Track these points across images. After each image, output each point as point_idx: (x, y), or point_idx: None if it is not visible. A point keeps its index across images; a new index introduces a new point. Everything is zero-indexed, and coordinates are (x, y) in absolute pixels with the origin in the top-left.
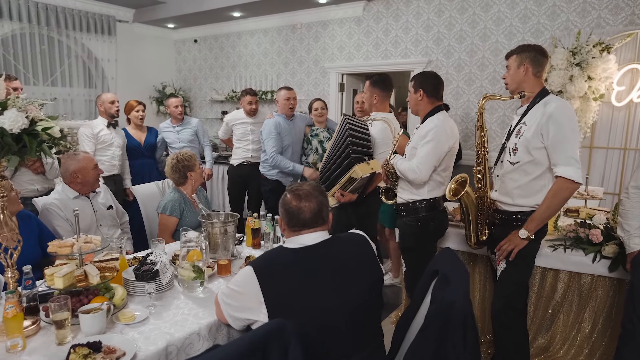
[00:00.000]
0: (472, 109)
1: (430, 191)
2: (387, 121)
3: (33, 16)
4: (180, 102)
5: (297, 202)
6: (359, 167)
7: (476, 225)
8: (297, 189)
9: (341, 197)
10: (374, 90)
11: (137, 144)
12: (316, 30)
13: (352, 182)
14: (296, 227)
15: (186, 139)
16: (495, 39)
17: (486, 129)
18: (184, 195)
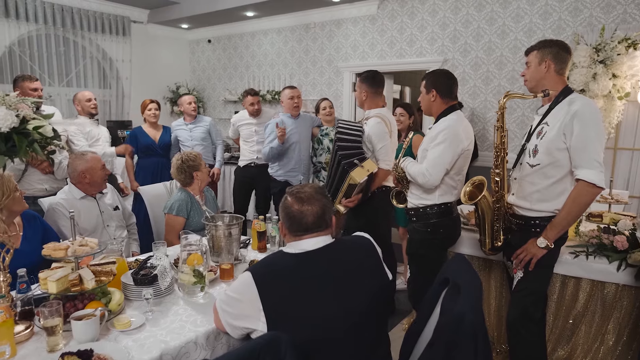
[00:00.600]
0: (490, 109)
1: (442, 196)
2: (380, 116)
3: (49, 17)
4: (194, 100)
5: (299, 206)
6: (354, 174)
7: (491, 230)
8: (299, 191)
9: (348, 205)
10: (362, 86)
11: (151, 142)
12: (330, 30)
13: (352, 189)
14: (298, 232)
15: (198, 137)
16: (514, 36)
17: (506, 130)
18: (190, 195)
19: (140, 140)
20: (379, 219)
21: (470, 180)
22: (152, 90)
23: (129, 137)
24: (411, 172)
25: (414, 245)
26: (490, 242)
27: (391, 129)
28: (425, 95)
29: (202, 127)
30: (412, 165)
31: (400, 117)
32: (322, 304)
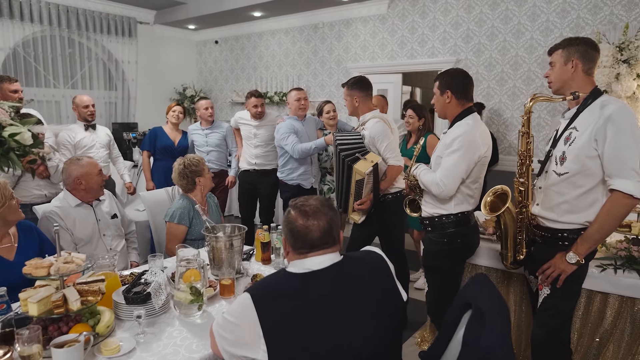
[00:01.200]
0: (505, 110)
1: (458, 205)
2: (376, 116)
3: (54, 18)
4: (211, 104)
5: (304, 221)
6: (358, 166)
7: (514, 243)
8: (303, 204)
9: (361, 208)
10: (353, 93)
11: (170, 144)
12: (339, 30)
13: (361, 186)
14: (303, 249)
15: (214, 143)
16: (530, 35)
17: (532, 135)
18: (193, 202)
19: (159, 140)
20: (393, 226)
21: (491, 190)
22: (159, 92)
23: (149, 135)
24: (424, 180)
25: (430, 256)
26: (513, 256)
27: (391, 127)
28: (439, 97)
29: (218, 133)
30: (426, 173)
31: (409, 119)
32: (331, 330)
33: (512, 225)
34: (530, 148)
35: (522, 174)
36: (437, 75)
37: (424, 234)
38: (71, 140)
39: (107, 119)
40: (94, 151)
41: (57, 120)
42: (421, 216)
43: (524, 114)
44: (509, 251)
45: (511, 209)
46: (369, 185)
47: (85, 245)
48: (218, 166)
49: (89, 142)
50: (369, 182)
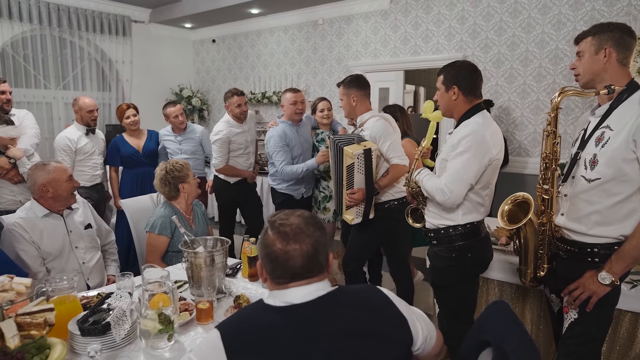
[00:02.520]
0: (514, 109)
1: (466, 214)
2: (376, 115)
3: (44, 17)
4: (180, 111)
5: (283, 244)
6: (348, 147)
7: (535, 259)
8: (283, 223)
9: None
10: (350, 92)
11: (133, 151)
12: (339, 26)
13: (352, 173)
14: (282, 278)
15: (189, 150)
16: (541, 29)
17: (559, 136)
18: (176, 210)
19: (122, 151)
20: (398, 235)
21: (511, 197)
22: (154, 92)
23: (109, 149)
24: (428, 187)
25: (437, 274)
26: (533, 273)
27: (392, 125)
28: (444, 93)
29: (192, 139)
30: (429, 178)
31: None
32: None
33: (533, 239)
34: (557, 150)
35: (546, 179)
36: (441, 69)
37: (429, 248)
38: (72, 145)
39: (100, 121)
40: (94, 158)
41: (48, 122)
42: (425, 227)
43: (550, 110)
44: (528, 267)
45: (533, 220)
46: (361, 175)
47: (55, 259)
48: (196, 173)
49: (90, 148)
50: (360, 169)
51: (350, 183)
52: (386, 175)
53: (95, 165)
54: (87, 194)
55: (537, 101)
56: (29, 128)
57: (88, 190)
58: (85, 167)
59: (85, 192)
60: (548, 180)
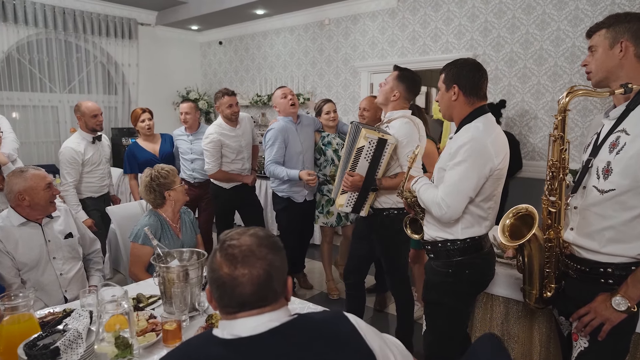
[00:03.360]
0: (528, 110)
1: (467, 229)
2: (407, 116)
3: (49, 21)
4: (192, 108)
5: (230, 269)
6: (365, 130)
7: (540, 278)
8: (232, 244)
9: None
10: (398, 85)
11: (151, 157)
12: (346, 26)
13: (358, 156)
14: (229, 307)
15: (199, 151)
16: (557, 26)
17: (568, 141)
18: (161, 219)
19: (139, 157)
20: (398, 246)
21: (512, 210)
22: (161, 95)
23: (127, 156)
24: (424, 199)
25: (431, 290)
26: (538, 293)
27: (420, 134)
28: (444, 93)
29: None
30: (426, 189)
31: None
32: None
33: (538, 256)
34: (565, 157)
35: (553, 190)
36: (443, 67)
37: (426, 261)
38: (79, 158)
39: (106, 125)
40: (101, 167)
41: (54, 126)
42: (423, 239)
43: (557, 113)
44: (533, 287)
45: (538, 236)
46: (366, 162)
47: (31, 270)
48: (204, 176)
49: (97, 158)
50: (367, 156)
51: (354, 166)
52: (393, 177)
53: (103, 176)
54: (95, 205)
55: (552, 102)
56: (8, 132)
57: (96, 202)
58: (93, 179)
59: (93, 204)
60: (555, 191)
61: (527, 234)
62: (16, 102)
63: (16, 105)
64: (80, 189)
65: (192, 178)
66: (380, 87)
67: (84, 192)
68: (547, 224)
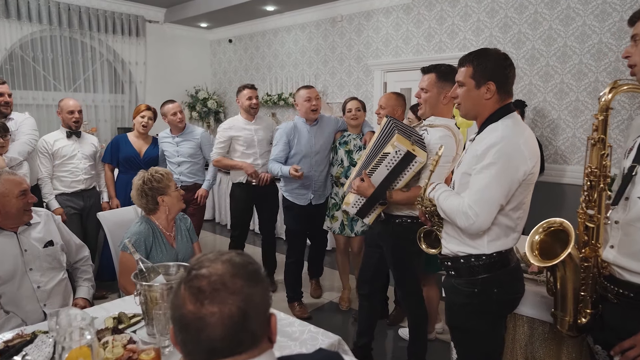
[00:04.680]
0: (550, 111)
1: (494, 241)
2: (450, 128)
3: (54, 17)
4: (179, 109)
5: (196, 306)
6: (398, 137)
7: (575, 303)
8: (199, 274)
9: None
10: (444, 85)
11: (134, 155)
12: (358, 23)
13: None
14: (195, 354)
15: (186, 153)
16: (582, 21)
17: (610, 145)
18: (154, 226)
19: (122, 150)
20: (410, 257)
21: (543, 224)
22: (169, 94)
23: (110, 145)
24: (446, 208)
25: (455, 313)
26: (572, 320)
27: (457, 151)
28: (472, 89)
29: (191, 140)
30: (448, 197)
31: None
32: None
33: (573, 279)
34: (607, 164)
35: (591, 202)
36: (466, 58)
37: (445, 278)
38: (48, 148)
39: (112, 124)
40: (74, 162)
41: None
42: (441, 254)
43: (598, 112)
44: (566, 314)
45: (574, 256)
46: (385, 170)
47: (6, 283)
48: (192, 179)
49: (70, 151)
50: (389, 165)
51: (374, 170)
52: (405, 191)
53: (75, 170)
54: (68, 201)
55: (576, 102)
56: (23, 134)
57: (70, 197)
58: (64, 172)
59: (66, 200)
60: (594, 203)
61: (560, 254)
62: (19, 100)
63: (19, 104)
64: (53, 183)
65: (179, 182)
66: (419, 98)
67: (56, 186)
68: (584, 240)
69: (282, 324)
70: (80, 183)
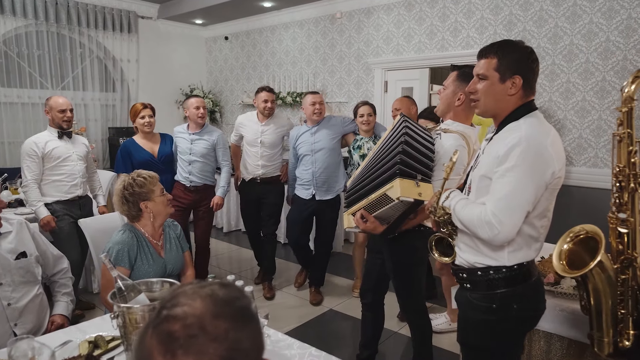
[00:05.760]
0: (556, 111)
1: (515, 252)
2: (466, 136)
3: (40, 11)
4: (203, 104)
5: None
6: (401, 183)
7: (614, 321)
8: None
9: (361, 220)
10: (461, 86)
11: (148, 157)
12: (359, 20)
13: (383, 204)
14: None
15: (199, 152)
16: (589, 18)
17: (638, 140)
18: (139, 235)
19: (135, 156)
20: (412, 266)
21: (571, 232)
22: (163, 93)
23: (121, 153)
24: (465, 218)
25: (469, 330)
26: (612, 342)
27: (470, 160)
28: (496, 83)
29: (206, 140)
30: (465, 205)
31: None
32: None
33: (608, 292)
34: (636, 162)
35: (622, 205)
36: (489, 48)
37: (458, 290)
38: (38, 151)
39: (103, 123)
40: (70, 164)
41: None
42: (454, 263)
43: (622, 104)
44: (604, 335)
45: (606, 264)
46: (392, 213)
47: None
48: (201, 180)
49: (64, 152)
50: (397, 210)
51: (374, 207)
52: (414, 218)
53: (72, 173)
54: (66, 210)
55: (582, 102)
56: None
57: (65, 206)
58: (60, 176)
59: (64, 209)
60: (626, 205)
61: (590, 262)
62: (3, 99)
63: (3, 103)
64: (46, 190)
65: (189, 181)
66: (440, 94)
67: (50, 194)
68: (618, 249)
69: (280, 346)
70: (78, 187)
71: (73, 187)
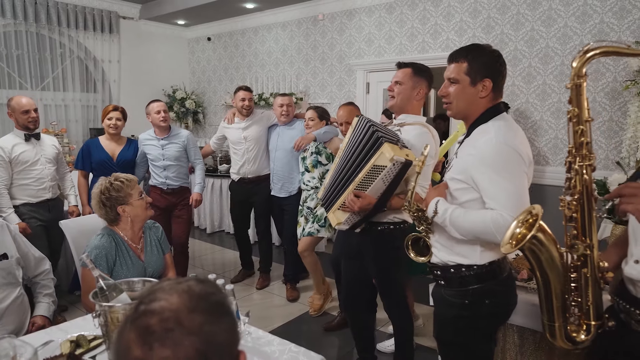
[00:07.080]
0: (533, 112)
1: (487, 252)
2: (426, 126)
3: (19, 11)
4: (164, 107)
5: (144, 350)
6: (389, 146)
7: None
8: (149, 309)
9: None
10: (420, 81)
11: (106, 158)
12: (341, 22)
13: (374, 177)
14: None
15: (173, 156)
16: (564, 22)
17: (589, 119)
18: (118, 238)
19: (94, 156)
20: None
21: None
22: (145, 94)
23: (81, 150)
24: (471, 227)
25: (443, 326)
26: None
27: (435, 148)
28: (467, 87)
29: (177, 143)
30: (465, 215)
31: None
32: None
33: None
34: (587, 142)
35: (571, 188)
36: (459, 53)
37: (434, 287)
38: (5, 155)
39: (84, 124)
40: (39, 167)
41: None
42: (430, 262)
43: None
44: (554, 320)
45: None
46: (383, 185)
47: None
48: (178, 182)
49: (32, 156)
50: (387, 179)
51: (364, 185)
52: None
53: (41, 177)
54: (34, 212)
55: (558, 103)
56: None
57: (34, 208)
58: (27, 180)
59: (31, 211)
60: (573, 188)
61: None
62: None
63: None
64: (14, 193)
65: (165, 185)
66: (392, 91)
67: (18, 196)
68: (573, 234)
69: (260, 343)
70: (47, 191)
71: (41, 191)
